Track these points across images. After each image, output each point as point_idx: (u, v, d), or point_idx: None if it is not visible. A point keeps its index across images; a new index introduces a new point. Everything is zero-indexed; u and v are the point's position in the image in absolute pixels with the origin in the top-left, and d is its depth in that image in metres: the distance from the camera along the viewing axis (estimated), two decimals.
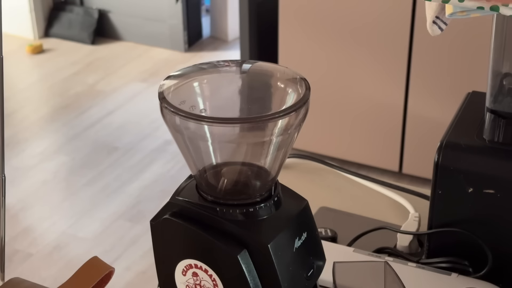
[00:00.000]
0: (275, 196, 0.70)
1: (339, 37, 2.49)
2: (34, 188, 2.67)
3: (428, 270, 0.88)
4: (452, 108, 0.99)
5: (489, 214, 0.87)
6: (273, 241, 0.66)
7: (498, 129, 0.86)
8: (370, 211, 1.08)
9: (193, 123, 0.64)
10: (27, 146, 2.93)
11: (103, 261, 0.74)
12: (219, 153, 0.68)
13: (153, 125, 3.05)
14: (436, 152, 0.86)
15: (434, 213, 0.90)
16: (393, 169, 2.61)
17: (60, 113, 3.19)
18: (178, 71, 0.70)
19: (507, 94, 0.87)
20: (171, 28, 3.72)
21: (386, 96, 2.50)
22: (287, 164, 1.17)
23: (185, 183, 0.72)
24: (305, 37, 2.52)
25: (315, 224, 0.73)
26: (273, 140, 0.66)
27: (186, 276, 0.70)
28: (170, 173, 2.74)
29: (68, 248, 2.35)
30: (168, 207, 0.70)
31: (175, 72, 0.70)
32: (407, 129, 2.52)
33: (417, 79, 2.43)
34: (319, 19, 2.47)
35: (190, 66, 0.71)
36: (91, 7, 3.88)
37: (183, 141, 0.67)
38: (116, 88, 3.39)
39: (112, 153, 2.88)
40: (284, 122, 0.64)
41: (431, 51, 2.37)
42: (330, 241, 0.97)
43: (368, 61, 2.48)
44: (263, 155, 0.68)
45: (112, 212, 2.53)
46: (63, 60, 3.67)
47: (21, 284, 0.75)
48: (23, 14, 3.83)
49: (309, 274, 0.71)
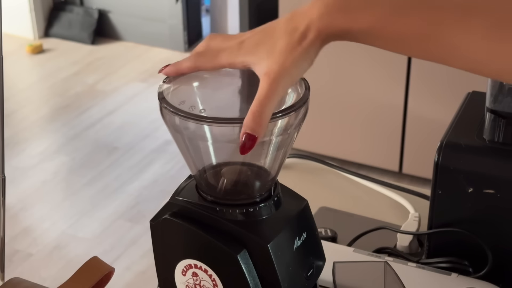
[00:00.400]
0: (275, 196, 0.70)
1: None
2: (34, 188, 2.67)
3: (428, 270, 0.88)
4: (452, 108, 0.99)
5: (489, 214, 0.87)
6: (273, 241, 0.66)
7: (498, 129, 0.86)
8: (370, 211, 1.08)
9: (192, 123, 0.64)
10: (27, 146, 2.93)
11: (103, 261, 0.74)
12: (218, 153, 0.68)
13: (153, 125, 3.05)
14: (436, 152, 0.86)
15: (434, 213, 0.90)
16: (393, 169, 2.61)
17: (60, 113, 3.19)
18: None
19: (507, 94, 0.87)
20: (171, 28, 3.72)
21: (386, 96, 2.50)
22: (287, 164, 1.17)
23: (185, 183, 0.72)
24: None
25: (315, 224, 0.73)
26: (272, 140, 0.66)
27: (186, 276, 0.70)
28: (170, 173, 2.74)
29: (68, 248, 2.35)
30: (168, 207, 0.70)
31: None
32: (407, 129, 2.52)
33: (417, 79, 2.43)
34: None
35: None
36: (91, 7, 3.88)
37: (182, 141, 0.67)
38: (116, 88, 3.39)
39: (112, 153, 2.88)
40: (283, 122, 0.64)
41: None
42: (330, 241, 0.97)
43: (368, 61, 2.48)
44: (263, 155, 0.68)
45: (112, 212, 2.53)
46: (63, 60, 3.67)
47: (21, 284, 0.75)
48: (23, 14, 3.83)
49: (309, 274, 0.71)
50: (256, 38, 0.65)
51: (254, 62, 0.64)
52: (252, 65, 0.64)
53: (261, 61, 0.63)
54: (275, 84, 0.62)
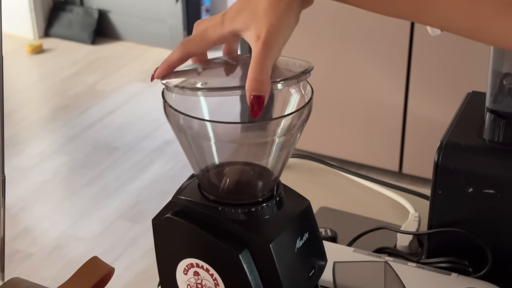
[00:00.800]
0: (277, 196, 0.70)
1: (339, 38, 2.49)
2: (34, 188, 2.67)
3: (428, 270, 0.88)
4: (452, 108, 0.99)
5: (489, 214, 0.87)
6: (275, 241, 0.66)
7: (498, 129, 0.86)
8: (370, 211, 1.08)
9: (196, 122, 0.64)
10: (27, 146, 2.93)
11: (103, 261, 0.74)
12: (221, 153, 0.68)
13: (153, 125, 3.05)
14: (436, 152, 0.86)
15: (434, 213, 0.90)
16: (393, 169, 2.61)
17: (60, 113, 3.19)
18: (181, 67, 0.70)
19: (507, 94, 0.87)
20: (171, 28, 3.72)
21: (386, 96, 2.50)
22: (287, 164, 1.17)
23: (187, 182, 0.72)
24: (305, 37, 2.52)
25: (316, 224, 0.73)
26: (275, 140, 0.66)
27: (188, 275, 0.70)
28: (170, 173, 2.74)
29: (68, 248, 2.35)
30: (170, 206, 0.70)
31: (178, 69, 0.70)
32: (407, 129, 2.52)
33: (417, 79, 2.43)
34: (319, 19, 2.47)
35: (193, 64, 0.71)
36: (91, 7, 3.88)
37: (186, 140, 0.67)
38: (116, 88, 3.39)
39: (112, 153, 2.88)
40: (287, 122, 0.65)
41: (431, 51, 2.37)
42: (330, 241, 0.97)
43: (369, 62, 2.48)
44: (266, 155, 0.68)
45: (112, 212, 2.53)
46: (63, 60, 3.67)
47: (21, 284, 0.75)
48: (23, 14, 3.83)
49: (310, 274, 0.71)
50: (237, 5, 0.64)
51: (241, 28, 0.64)
52: (240, 32, 0.64)
53: (248, 26, 0.63)
54: (268, 45, 0.62)
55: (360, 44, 2.47)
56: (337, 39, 2.49)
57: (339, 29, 2.47)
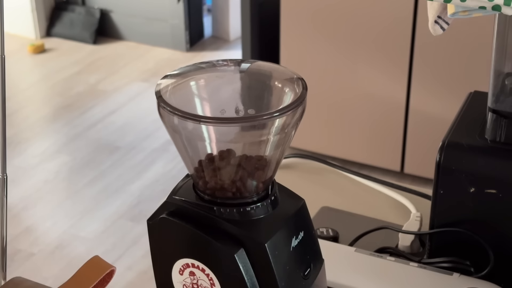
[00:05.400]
0: (272, 195, 0.70)
1: (340, 36, 2.49)
2: (35, 187, 2.67)
3: (429, 270, 0.88)
4: (454, 108, 0.99)
5: (491, 214, 0.87)
6: (270, 240, 0.66)
7: (500, 129, 0.86)
8: (372, 211, 1.08)
9: (191, 123, 0.64)
10: (28, 145, 2.94)
11: (104, 260, 0.74)
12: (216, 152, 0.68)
13: (155, 124, 3.05)
14: (438, 152, 0.86)
15: (436, 213, 0.89)
16: (395, 169, 2.61)
17: (61, 112, 3.20)
18: (176, 70, 0.70)
19: (509, 94, 0.86)
20: (173, 28, 3.72)
21: (388, 96, 2.50)
22: (289, 163, 1.17)
23: (182, 182, 0.72)
24: (307, 36, 2.52)
25: (312, 223, 0.73)
26: (270, 139, 0.66)
27: (183, 275, 0.70)
28: (171, 172, 2.74)
29: (70, 247, 2.36)
30: (165, 206, 0.70)
31: (173, 72, 0.70)
32: (409, 129, 2.52)
33: (419, 79, 2.43)
34: (320, 18, 2.47)
35: (189, 65, 0.71)
36: (93, 6, 3.88)
37: (180, 140, 0.67)
38: (117, 88, 3.40)
39: (114, 152, 2.88)
40: (281, 121, 0.65)
41: (433, 51, 2.37)
42: (332, 241, 0.97)
43: (370, 60, 2.47)
44: (260, 154, 0.68)
45: (113, 211, 2.53)
46: (65, 59, 3.67)
47: (22, 284, 0.75)
48: (25, 13, 3.83)
49: (306, 273, 0.71)
50: None
51: None
52: None
53: None
54: None
55: (362, 43, 2.46)
56: (338, 37, 2.49)
57: (340, 28, 2.47)
